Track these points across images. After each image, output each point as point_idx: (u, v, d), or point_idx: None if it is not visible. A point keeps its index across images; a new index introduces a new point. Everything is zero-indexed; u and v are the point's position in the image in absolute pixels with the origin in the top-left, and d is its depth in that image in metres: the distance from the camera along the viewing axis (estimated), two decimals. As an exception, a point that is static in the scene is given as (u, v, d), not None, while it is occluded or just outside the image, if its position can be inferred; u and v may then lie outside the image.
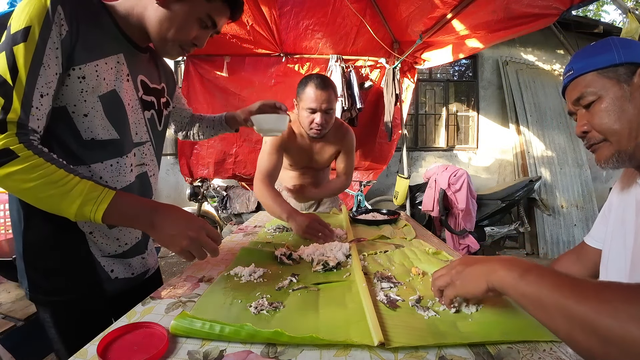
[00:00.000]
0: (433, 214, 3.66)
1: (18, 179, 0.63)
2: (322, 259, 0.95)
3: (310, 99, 1.47)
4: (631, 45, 0.68)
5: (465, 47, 2.76)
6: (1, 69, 0.63)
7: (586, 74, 0.70)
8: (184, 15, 0.78)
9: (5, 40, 0.65)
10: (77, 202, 0.65)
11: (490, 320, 0.65)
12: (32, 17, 0.65)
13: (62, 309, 0.82)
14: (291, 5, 3.03)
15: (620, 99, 0.66)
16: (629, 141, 0.66)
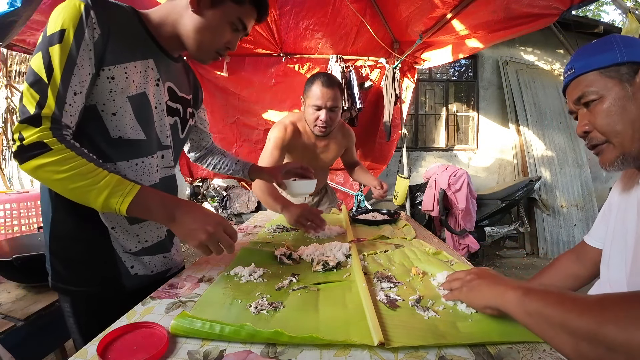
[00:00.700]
0: (433, 214, 3.66)
1: (50, 170, 0.67)
2: (322, 259, 0.95)
3: (316, 97, 1.49)
4: (634, 44, 0.66)
5: (465, 47, 2.76)
6: (37, 68, 0.68)
7: (588, 73, 0.68)
8: (218, 20, 0.82)
9: (42, 42, 0.70)
10: (104, 194, 0.69)
11: (490, 320, 0.65)
12: (67, 21, 0.70)
13: (81, 299, 0.86)
14: (291, 5, 3.03)
15: (623, 99, 0.64)
16: (632, 142, 0.64)
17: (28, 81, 0.68)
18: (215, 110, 3.66)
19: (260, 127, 3.74)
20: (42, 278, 1.26)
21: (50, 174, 0.68)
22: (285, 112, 3.66)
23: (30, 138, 0.66)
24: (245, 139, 3.78)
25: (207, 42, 0.85)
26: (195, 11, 0.81)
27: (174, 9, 0.84)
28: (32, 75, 0.69)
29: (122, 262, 0.87)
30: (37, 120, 0.67)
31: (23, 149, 0.67)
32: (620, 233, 0.72)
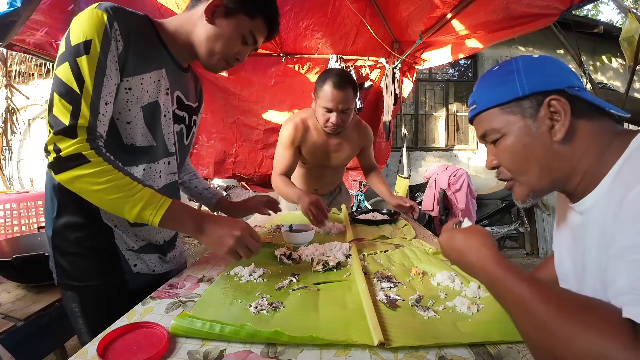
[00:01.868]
0: (433, 213, 3.66)
1: (88, 181, 0.70)
2: (322, 259, 0.95)
3: (327, 98, 1.42)
4: (537, 70, 0.58)
5: (465, 47, 2.76)
6: (66, 78, 0.70)
7: (488, 110, 0.61)
8: (230, 31, 0.85)
9: (66, 52, 0.71)
10: (138, 206, 0.71)
11: (490, 320, 0.66)
12: (92, 31, 0.71)
13: (88, 296, 0.86)
14: (291, 5, 3.03)
15: (526, 136, 0.57)
16: (540, 181, 0.59)
17: (58, 92, 0.69)
18: (215, 110, 3.65)
19: (260, 127, 3.74)
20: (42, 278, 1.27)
21: (88, 185, 0.70)
22: (286, 112, 3.66)
23: (68, 150, 0.68)
24: (245, 139, 3.78)
25: (218, 51, 0.87)
26: (209, 21, 0.84)
27: (189, 20, 0.87)
28: (61, 85, 0.69)
29: (126, 260, 0.87)
30: (73, 131, 0.69)
31: (60, 160, 0.69)
32: (563, 256, 0.68)
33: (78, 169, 0.69)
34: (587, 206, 0.56)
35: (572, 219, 0.63)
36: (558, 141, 0.55)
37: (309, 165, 1.71)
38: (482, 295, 0.76)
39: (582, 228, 0.58)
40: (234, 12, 0.84)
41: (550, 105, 0.55)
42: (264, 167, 3.82)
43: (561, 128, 0.55)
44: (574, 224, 0.62)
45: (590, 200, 0.55)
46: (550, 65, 0.59)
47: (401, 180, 3.74)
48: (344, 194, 2.00)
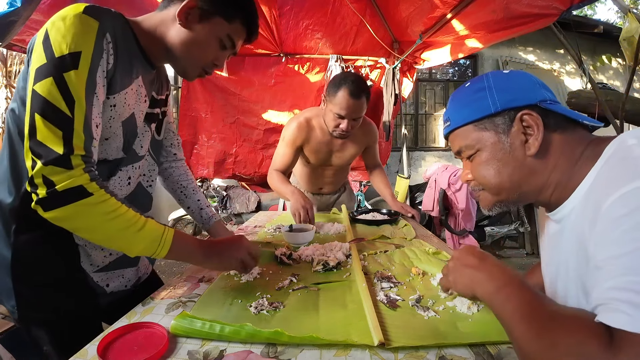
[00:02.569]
0: (433, 214, 3.66)
1: (92, 217, 0.62)
2: (322, 259, 0.95)
3: (341, 105, 1.37)
4: (509, 87, 0.59)
5: (464, 47, 2.76)
6: (51, 97, 0.60)
7: (462, 127, 0.63)
8: (206, 35, 0.77)
9: (49, 64, 0.60)
10: (146, 242, 0.67)
11: (490, 320, 0.65)
12: (81, 42, 0.62)
13: (57, 325, 0.78)
14: (291, 5, 3.03)
15: (500, 152, 0.59)
16: (510, 193, 0.60)
17: (42, 113, 0.59)
18: (215, 110, 3.66)
19: (260, 127, 3.74)
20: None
21: (91, 222, 0.62)
22: (286, 112, 3.67)
23: (65, 183, 0.59)
24: (245, 139, 3.78)
25: (193, 58, 0.80)
26: (183, 24, 0.76)
27: (163, 21, 0.78)
28: (46, 105, 0.60)
29: (95, 282, 0.80)
30: (67, 161, 0.60)
31: (56, 195, 0.59)
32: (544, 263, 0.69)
33: (78, 205, 0.60)
34: (564, 214, 0.56)
35: (550, 228, 0.64)
36: (531, 155, 0.57)
37: (312, 164, 1.70)
38: (482, 295, 0.76)
39: (558, 236, 0.59)
40: (210, 15, 0.76)
41: (522, 120, 0.57)
42: (264, 167, 3.82)
43: (534, 142, 0.56)
44: (551, 232, 0.63)
45: (566, 209, 0.56)
46: (521, 80, 0.60)
47: (401, 180, 3.73)
48: (349, 194, 1.99)
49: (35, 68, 0.61)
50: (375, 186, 1.83)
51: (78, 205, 0.60)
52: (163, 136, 0.99)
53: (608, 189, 0.44)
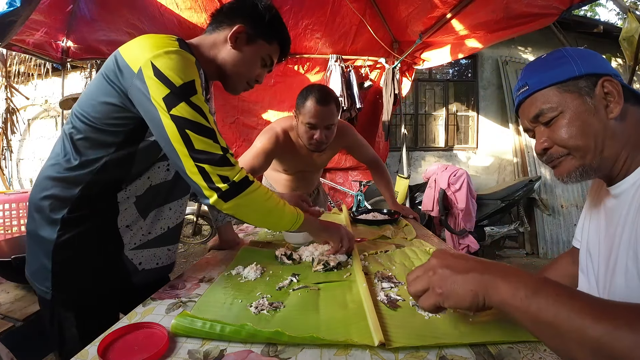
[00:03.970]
0: (433, 213, 3.66)
1: (259, 201, 0.80)
2: (323, 259, 0.95)
3: (310, 114, 1.37)
4: (588, 56, 0.63)
5: (464, 47, 2.77)
6: (193, 117, 0.73)
7: (544, 89, 0.63)
8: (251, 55, 0.92)
9: (175, 92, 0.72)
10: (289, 215, 0.87)
11: (490, 320, 0.65)
12: (191, 73, 0.75)
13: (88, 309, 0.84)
14: (290, 4, 3.03)
15: (585, 112, 0.60)
16: (594, 156, 0.61)
17: (191, 129, 0.72)
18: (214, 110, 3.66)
19: (260, 127, 3.74)
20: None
21: (259, 205, 0.80)
22: (285, 112, 3.67)
23: (238, 175, 0.75)
24: (245, 139, 3.78)
25: (242, 74, 0.94)
26: (233, 46, 0.90)
27: (214, 44, 0.91)
28: (191, 123, 0.73)
29: (130, 260, 0.88)
30: (227, 160, 0.75)
31: (235, 186, 0.75)
32: (592, 243, 0.69)
33: (248, 192, 0.76)
34: (624, 189, 0.59)
35: (607, 204, 0.66)
36: (613, 118, 0.59)
37: (290, 172, 1.68)
38: (482, 295, 0.76)
39: (616, 210, 0.61)
40: (255, 38, 0.91)
41: (603, 85, 0.60)
42: (264, 167, 3.82)
43: (616, 106, 0.59)
44: (608, 207, 0.65)
45: (626, 183, 0.59)
46: (596, 54, 0.64)
47: (401, 180, 3.73)
48: (323, 194, 2.00)
49: (161, 98, 0.71)
50: (377, 185, 1.81)
51: (249, 193, 0.77)
52: None
53: None
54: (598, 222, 0.68)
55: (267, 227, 0.86)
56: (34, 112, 5.64)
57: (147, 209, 0.88)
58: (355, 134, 1.68)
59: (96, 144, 0.79)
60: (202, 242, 4.24)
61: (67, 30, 2.84)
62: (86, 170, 0.79)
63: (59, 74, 3.57)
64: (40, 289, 0.83)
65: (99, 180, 0.80)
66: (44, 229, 0.81)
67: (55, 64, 3.10)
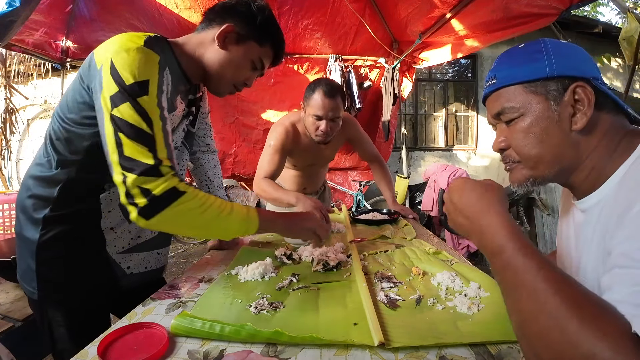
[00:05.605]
0: (432, 213, 3.66)
1: (191, 213, 0.69)
2: (323, 259, 0.95)
3: (317, 106, 1.42)
4: (567, 55, 0.56)
5: (464, 46, 2.76)
6: (132, 119, 0.67)
7: (510, 86, 0.58)
8: (240, 57, 0.87)
9: (122, 91, 0.67)
10: (237, 223, 0.75)
11: (490, 320, 0.65)
12: (148, 72, 0.71)
13: (75, 308, 0.83)
14: (290, 4, 3.03)
15: (546, 119, 0.55)
16: (548, 168, 0.57)
17: (127, 133, 0.67)
18: (214, 110, 3.64)
19: (260, 127, 3.74)
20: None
21: (191, 218, 0.69)
22: (285, 112, 3.66)
23: (161, 187, 0.66)
24: (245, 139, 3.77)
25: (228, 76, 0.89)
26: (221, 46, 0.85)
27: (201, 43, 0.87)
28: (129, 126, 0.67)
29: (117, 264, 0.87)
30: (158, 171, 0.67)
31: (155, 200, 0.65)
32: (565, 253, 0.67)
33: (176, 205, 0.67)
34: (591, 204, 0.55)
35: (575, 217, 0.62)
36: (576, 130, 0.54)
37: (298, 166, 1.71)
38: (482, 295, 0.76)
39: (583, 226, 0.57)
40: (245, 39, 0.86)
41: (575, 92, 0.54)
42: (264, 167, 3.82)
43: (583, 117, 0.53)
44: (577, 221, 0.61)
45: (593, 199, 0.54)
46: (578, 52, 0.57)
47: (401, 180, 3.73)
48: (328, 192, 2.03)
49: (109, 96, 0.67)
50: (377, 183, 1.82)
51: (176, 205, 0.67)
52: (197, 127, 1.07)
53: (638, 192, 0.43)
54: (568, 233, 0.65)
55: (211, 238, 0.79)
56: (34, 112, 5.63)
57: None
58: (359, 128, 1.73)
59: (71, 145, 0.78)
60: (201, 242, 4.24)
61: (66, 30, 2.83)
62: (64, 170, 0.78)
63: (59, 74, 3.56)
64: (28, 289, 0.83)
65: (76, 180, 0.79)
66: (28, 229, 0.81)
67: (55, 64, 3.10)
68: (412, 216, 1.61)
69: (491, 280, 0.82)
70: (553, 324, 0.39)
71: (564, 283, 0.41)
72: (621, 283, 0.41)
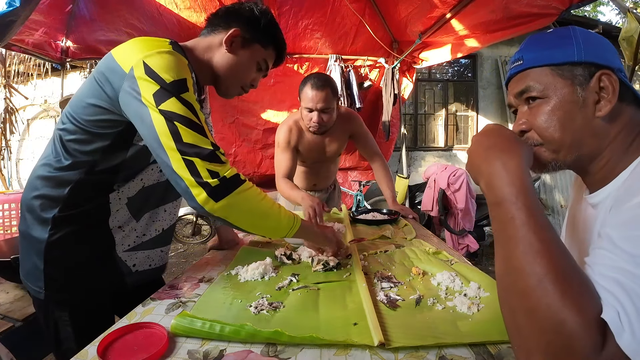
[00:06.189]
0: (432, 213, 3.66)
1: (255, 198, 0.74)
2: (323, 259, 0.95)
3: (307, 99, 1.49)
4: (595, 42, 0.57)
5: (464, 46, 2.77)
6: (183, 112, 0.70)
7: (537, 67, 0.58)
8: (247, 59, 0.91)
9: (164, 88, 0.70)
10: (286, 218, 0.81)
11: (490, 320, 0.65)
12: (183, 72, 0.74)
13: (81, 307, 0.84)
14: (290, 4, 3.03)
15: (570, 103, 0.55)
16: (569, 153, 0.56)
17: (181, 122, 0.69)
18: (214, 110, 3.64)
19: (260, 127, 3.73)
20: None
21: (254, 204, 0.74)
22: (285, 112, 3.66)
23: (228, 172, 0.70)
24: (245, 139, 3.77)
25: (236, 78, 0.93)
26: (228, 50, 0.89)
27: (209, 47, 0.90)
28: (181, 117, 0.69)
29: (123, 262, 0.88)
30: (217, 156, 0.70)
31: (226, 183, 0.69)
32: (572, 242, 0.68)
33: (240, 191, 0.71)
34: (601, 199, 0.56)
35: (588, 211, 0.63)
36: (599, 117, 0.54)
37: (307, 162, 1.77)
38: (482, 295, 0.76)
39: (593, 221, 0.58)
40: (250, 42, 0.90)
41: (600, 79, 0.54)
42: (263, 167, 3.82)
43: (607, 104, 0.54)
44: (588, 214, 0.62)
45: (603, 194, 0.55)
46: (605, 43, 0.58)
47: (400, 180, 3.73)
48: (338, 192, 2.05)
49: (150, 94, 0.69)
50: (377, 182, 1.83)
51: (240, 192, 0.71)
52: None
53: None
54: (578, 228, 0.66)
55: (262, 233, 0.81)
56: (33, 112, 5.63)
57: (140, 210, 0.88)
58: (362, 123, 1.76)
59: (85, 146, 0.78)
60: (201, 242, 4.23)
61: (66, 30, 2.83)
62: (75, 171, 0.79)
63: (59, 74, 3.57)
64: (33, 289, 0.83)
65: (88, 181, 0.80)
66: (35, 228, 0.81)
67: (55, 64, 3.10)
68: (412, 216, 1.61)
69: (491, 281, 0.82)
70: (537, 285, 0.40)
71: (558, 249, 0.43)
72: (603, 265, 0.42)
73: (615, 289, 0.38)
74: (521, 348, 0.42)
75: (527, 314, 0.41)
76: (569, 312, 0.38)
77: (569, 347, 0.37)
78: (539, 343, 0.39)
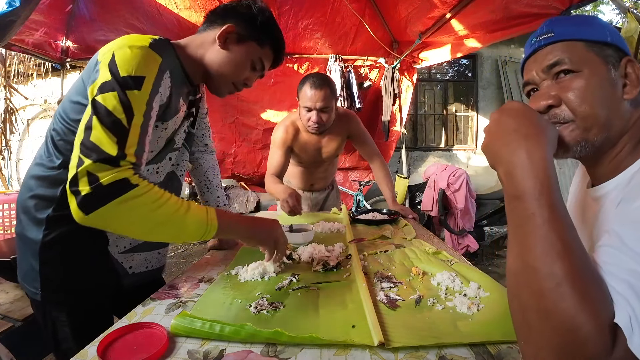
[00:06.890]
0: (432, 213, 3.66)
1: (143, 208, 0.64)
2: (322, 259, 0.95)
3: (306, 98, 1.49)
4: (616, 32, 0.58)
5: (463, 46, 2.77)
6: (113, 108, 0.65)
7: (570, 41, 0.56)
8: (240, 56, 0.88)
9: (113, 80, 0.67)
10: (194, 224, 0.70)
11: (490, 320, 0.65)
12: (146, 70, 0.70)
13: (78, 307, 0.83)
14: (290, 4, 3.03)
15: (605, 81, 0.54)
16: (600, 132, 0.54)
17: (102, 120, 0.64)
18: (214, 110, 3.65)
19: (260, 127, 3.74)
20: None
21: (142, 210, 0.64)
22: (284, 112, 3.66)
23: (110, 177, 0.61)
24: (245, 139, 3.78)
25: (228, 75, 0.90)
26: (222, 46, 0.87)
27: (203, 44, 0.88)
28: (107, 114, 0.65)
29: (120, 264, 0.88)
30: (117, 163, 0.63)
31: (100, 190, 0.60)
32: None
33: (124, 199, 0.61)
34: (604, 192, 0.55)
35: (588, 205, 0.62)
36: (628, 99, 0.54)
37: (304, 163, 1.77)
38: (482, 295, 0.76)
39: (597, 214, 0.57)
40: (245, 39, 0.88)
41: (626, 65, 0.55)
42: (263, 167, 3.82)
43: (633, 90, 0.54)
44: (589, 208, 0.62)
45: (608, 187, 0.55)
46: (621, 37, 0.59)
47: (400, 180, 3.74)
48: (336, 193, 2.05)
49: (100, 83, 0.67)
50: (377, 182, 1.83)
51: (124, 201, 0.61)
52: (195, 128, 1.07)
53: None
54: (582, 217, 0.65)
55: (163, 240, 0.74)
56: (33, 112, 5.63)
57: None
58: (360, 123, 1.75)
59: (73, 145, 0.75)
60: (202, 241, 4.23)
61: (66, 30, 2.84)
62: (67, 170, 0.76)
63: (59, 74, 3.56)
64: (30, 290, 0.83)
65: None
66: (30, 229, 0.81)
67: (55, 63, 3.10)
68: (412, 216, 1.61)
69: (491, 281, 0.82)
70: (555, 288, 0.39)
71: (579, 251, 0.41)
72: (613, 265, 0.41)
73: (628, 292, 0.38)
74: (529, 343, 0.41)
75: (541, 314, 0.40)
76: (587, 318, 0.37)
77: (582, 349, 0.37)
78: (550, 342, 0.39)
